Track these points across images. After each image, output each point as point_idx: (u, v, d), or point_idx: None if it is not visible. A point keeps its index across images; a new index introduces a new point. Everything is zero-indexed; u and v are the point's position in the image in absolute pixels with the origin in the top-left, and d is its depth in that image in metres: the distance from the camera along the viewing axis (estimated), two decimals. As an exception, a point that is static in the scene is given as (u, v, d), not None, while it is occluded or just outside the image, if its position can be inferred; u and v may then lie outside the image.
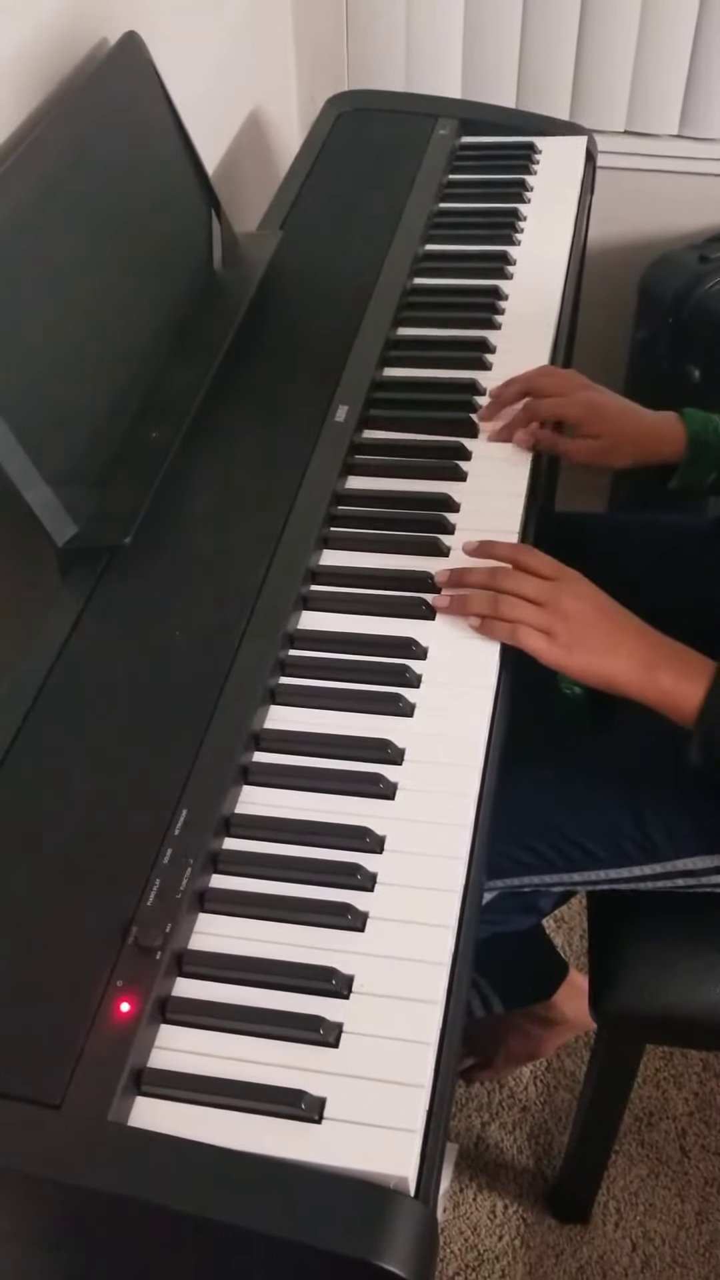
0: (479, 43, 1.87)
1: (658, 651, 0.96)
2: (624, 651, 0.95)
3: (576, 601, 0.97)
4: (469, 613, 0.97)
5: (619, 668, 0.95)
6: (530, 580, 0.97)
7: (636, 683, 0.95)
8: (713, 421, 1.17)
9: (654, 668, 0.95)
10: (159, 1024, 0.72)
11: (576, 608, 0.96)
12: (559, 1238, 1.41)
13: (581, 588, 0.98)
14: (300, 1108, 0.67)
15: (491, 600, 0.96)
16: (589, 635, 0.96)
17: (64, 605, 0.95)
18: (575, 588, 0.98)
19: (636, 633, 0.97)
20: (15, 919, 0.75)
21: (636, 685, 0.95)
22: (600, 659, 0.95)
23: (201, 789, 0.81)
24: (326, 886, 0.79)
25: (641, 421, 1.19)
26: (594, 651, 0.95)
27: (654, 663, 0.95)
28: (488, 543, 1.02)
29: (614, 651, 0.95)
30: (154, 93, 1.22)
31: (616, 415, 1.18)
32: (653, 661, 0.95)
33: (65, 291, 1.04)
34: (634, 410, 1.20)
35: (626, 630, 0.97)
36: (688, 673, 0.94)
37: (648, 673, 0.95)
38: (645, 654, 0.96)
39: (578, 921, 1.70)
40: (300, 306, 1.31)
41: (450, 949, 0.76)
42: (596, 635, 0.96)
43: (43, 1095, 0.66)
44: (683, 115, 1.91)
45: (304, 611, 0.98)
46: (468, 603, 0.97)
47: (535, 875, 1.12)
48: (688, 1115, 1.52)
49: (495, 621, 0.96)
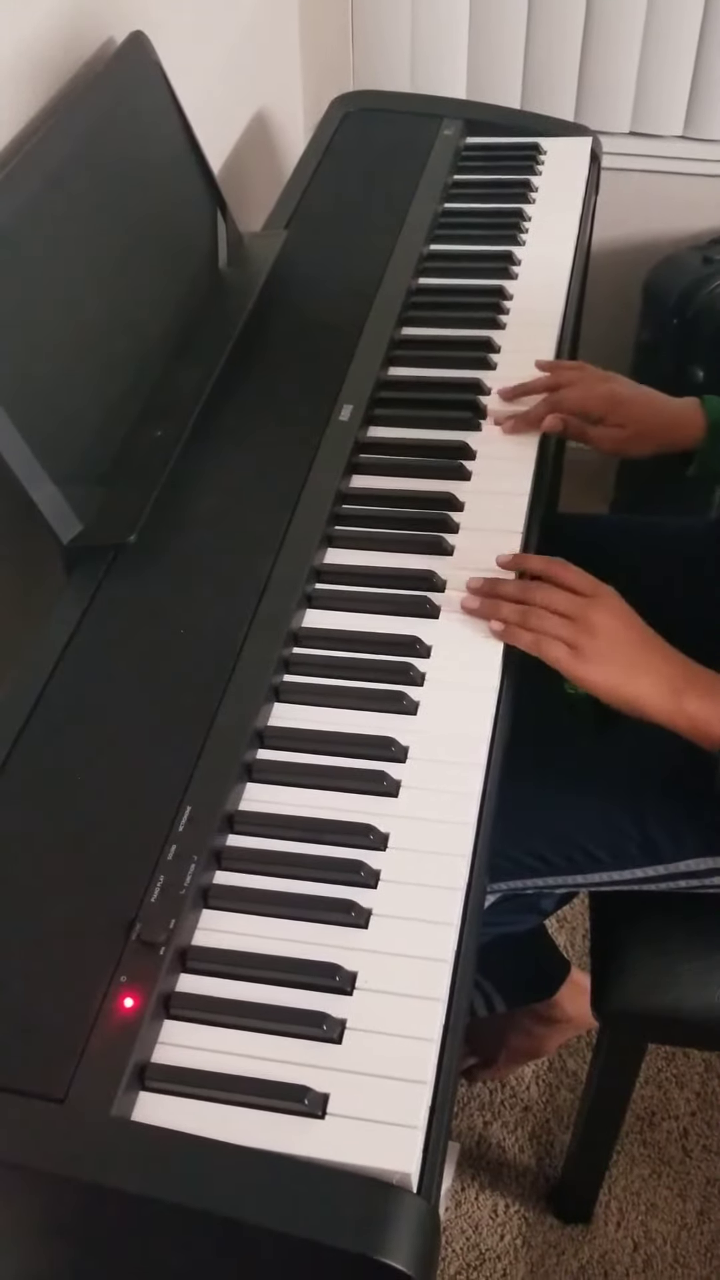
0: (484, 43, 1.88)
1: (684, 676, 0.95)
2: (650, 673, 0.95)
3: (607, 618, 0.96)
4: (498, 618, 0.96)
5: (644, 690, 0.94)
6: (562, 595, 0.97)
7: (663, 708, 0.94)
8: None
9: (680, 692, 0.94)
10: (163, 1019, 0.72)
11: (606, 624, 0.95)
12: (560, 1237, 1.41)
13: (613, 604, 0.97)
14: (303, 1103, 0.67)
15: (521, 613, 0.95)
16: (616, 653, 0.95)
17: (69, 603, 0.96)
18: (607, 603, 0.97)
19: (664, 655, 0.96)
20: (20, 914, 0.76)
21: (663, 710, 0.94)
22: (625, 679, 0.94)
23: (205, 786, 0.81)
24: (330, 883, 0.79)
25: (663, 410, 1.19)
26: (619, 670, 0.94)
27: (681, 687, 0.94)
28: (521, 556, 1.02)
29: (639, 672, 0.95)
30: (160, 92, 1.23)
31: (639, 405, 1.19)
32: (680, 686, 0.94)
33: (71, 290, 1.04)
34: (655, 399, 1.20)
35: (654, 652, 0.96)
36: (715, 697, 0.93)
37: (674, 697, 0.94)
38: (672, 678, 0.95)
39: (580, 921, 1.70)
40: (305, 306, 1.31)
41: (453, 946, 0.76)
42: (623, 654, 0.95)
43: (47, 1090, 0.66)
44: (688, 116, 1.91)
45: (308, 609, 0.98)
46: (498, 609, 0.96)
47: (538, 878, 1.12)
48: (689, 1115, 1.52)
49: (519, 630, 0.95)
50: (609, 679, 0.94)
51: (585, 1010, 1.36)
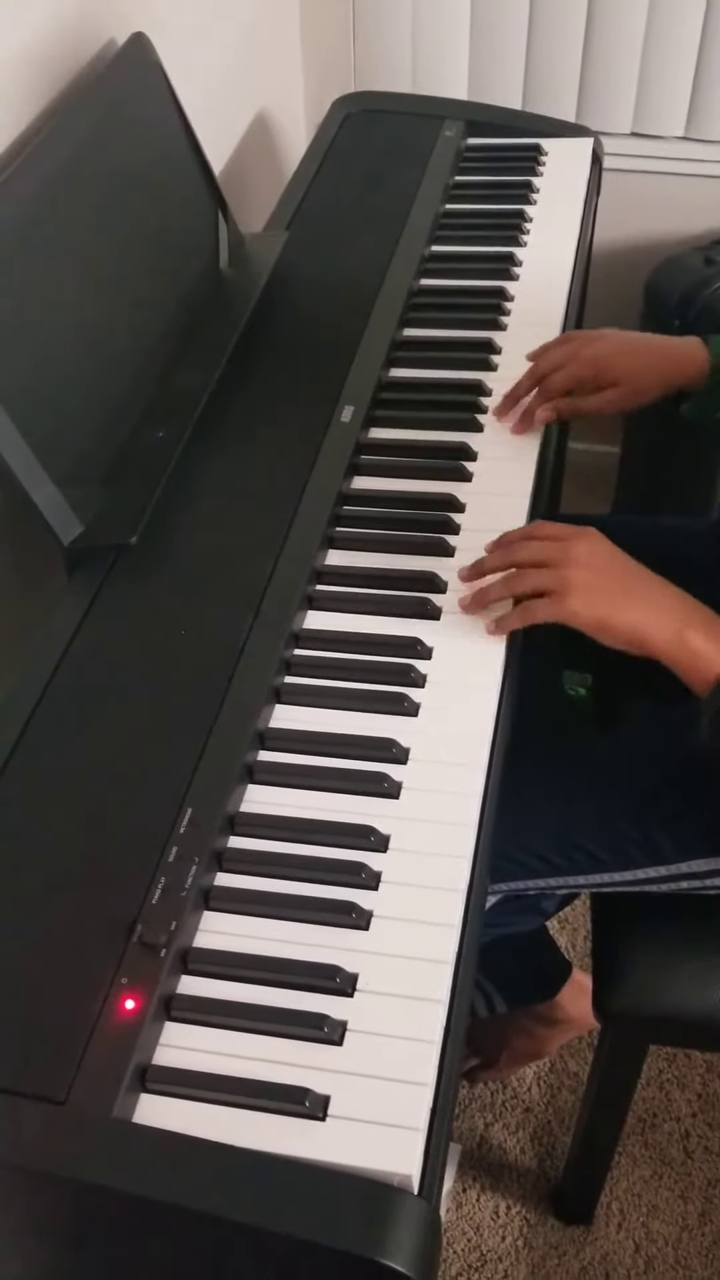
0: (485, 44, 1.87)
1: (686, 608, 0.92)
2: (645, 602, 0.91)
3: (586, 554, 0.93)
4: (487, 602, 0.96)
5: (640, 618, 0.90)
6: (542, 544, 0.96)
7: (663, 638, 0.90)
8: None
9: (683, 625, 0.90)
10: (164, 1021, 0.72)
11: (586, 560, 0.93)
12: (562, 1238, 1.41)
13: (593, 540, 0.95)
14: (304, 1105, 0.67)
15: (505, 581, 0.95)
16: (602, 585, 0.92)
17: (70, 604, 0.96)
18: (587, 541, 0.94)
19: (660, 586, 0.93)
20: (21, 916, 0.76)
21: (664, 640, 0.90)
22: (615, 609, 0.91)
23: (206, 787, 0.81)
24: (331, 885, 0.79)
25: (658, 350, 1.16)
26: (606, 600, 0.91)
27: (682, 619, 0.91)
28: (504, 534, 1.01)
29: (633, 601, 0.91)
30: (161, 93, 1.23)
31: (628, 357, 1.15)
32: (680, 618, 0.91)
33: (72, 291, 1.04)
34: (646, 344, 1.17)
35: (647, 580, 0.93)
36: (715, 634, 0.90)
37: (676, 628, 0.90)
38: (672, 609, 0.91)
39: (581, 922, 1.70)
40: (306, 307, 1.31)
41: (454, 947, 0.76)
42: (612, 584, 0.92)
43: (48, 1092, 0.66)
44: (689, 117, 1.91)
45: (309, 611, 0.98)
46: (485, 595, 0.96)
47: (539, 879, 1.12)
48: (691, 1116, 1.52)
49: (506, 619, 0.95)
50: (595, 609, 0.91)
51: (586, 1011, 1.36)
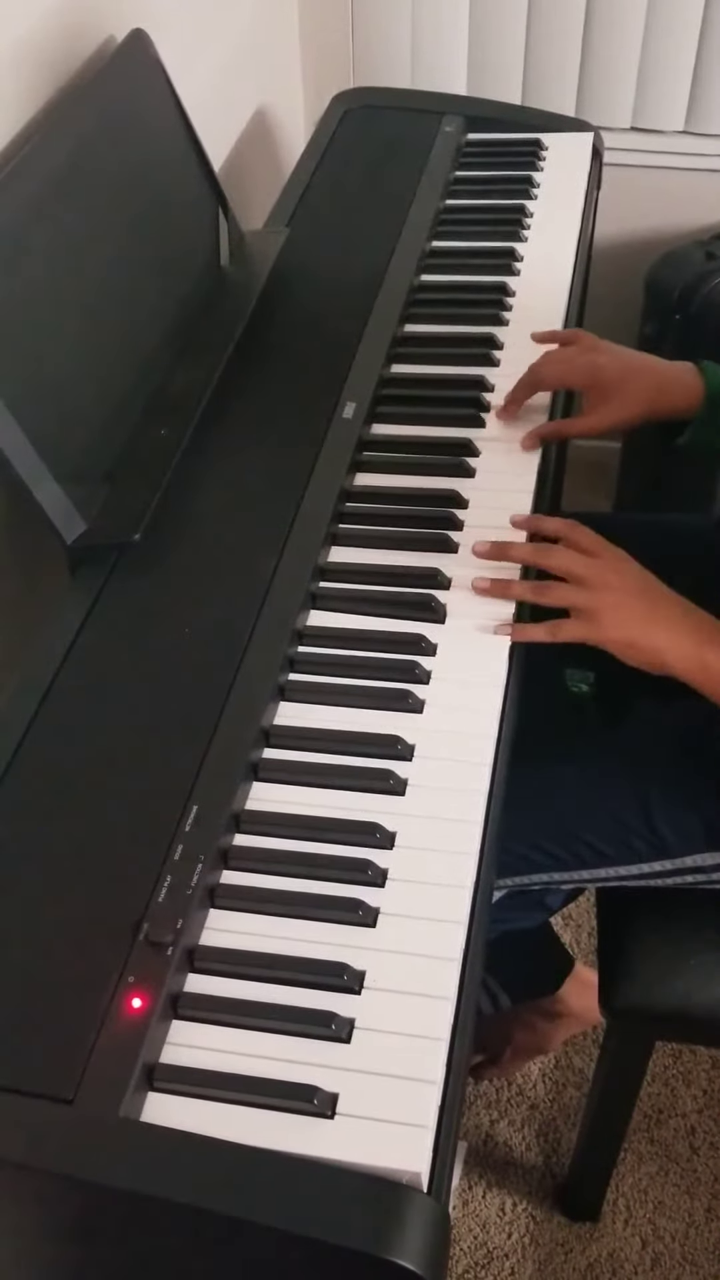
0: (485, 39, 1.87)
1: (704, 628, 0.95)
2: (669, 626, 0.94)
3: (617, 577, 0.96)
4: (511, 597, 0.96)
5: (662, 642, 0.94)
6: (577, 557, 0.97)
7: (684, 658, 0.94)
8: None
9: (703, 645, 0.93)
10: (171, 1020, 0.72)
11: (618, 583, 0.95)
12: (568, 1235, 1.41)
13: (625, 564, 0.97)
14: (312, 1103, 0.67)
15: (535, 589, 0.96)
16: (634, 605, 0.94)
17: (73, 603, 0.95)
18: (618, 564, 0.97)
19: (683, 608, 0.96)
20: (27, 915, 0.75)
21: (685, 661, 0.94)
22: (642, 632, 0.94)
23: (212, 785, 0.81)
24: (337, 882, 0.79)
25: (652, 374, 1.14)
26: (639, 624, 0.94)
27: (703, 640, 0.94)
28: (536, 517, 1.01)
29: (658, 625, 0.94)
30: (161, 90, 1.22)
31: (623, 374, 1.13)
32: (701, 639, 0.94)
33: (73, 289, 1.04)
34: (643, 365, 1.16)
35: (671, 605, 0.96)
36: None
37: (696, 649, 0.93)
38: (693, 630, 0.94)
39: (586, 919, 1.70)
40: (307, 303, 1.31)
41: (461, 944, 0.76)
42: (641, 604, 0.95)
43: (55, 1091, 0.66)
44: (689, 111, 1.90)
45: (313, 608, 0.98)
46: (509, 589, 0.97)
47: (544, 873, 1.12)
48: (697, 1113, 1.51)
49: (529, 627, 0.95)
50: (625, 631, 0.94)
51: (590, 1005, 1.36)
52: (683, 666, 0.94)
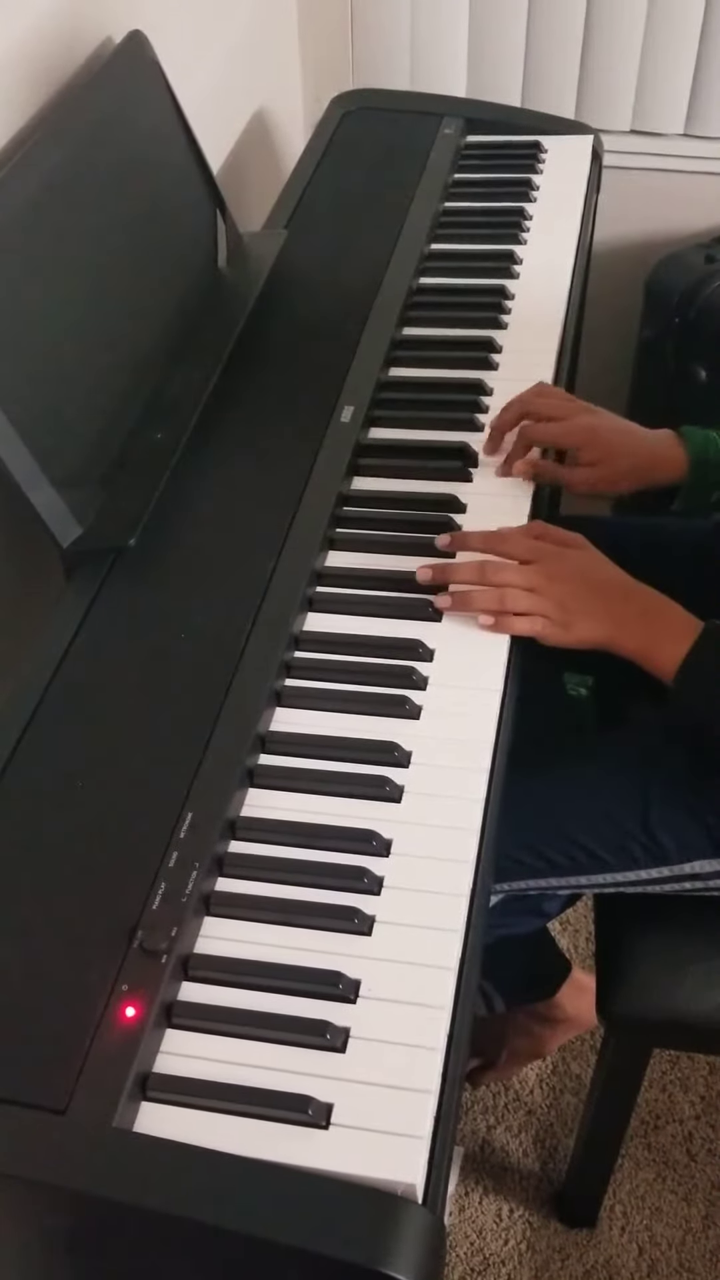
0: (484, 41, 1.87)
1: (646, 610, 0.98)
2: (613, 612, 0.98)
3: (562, 582, 0.98)
4: (474, 609, 0.97)
5: (609, 631, 0.98)
6: (518, 571, 0.98)
7: (629, 642, 0.97)
8: (713, 440, 1.14)
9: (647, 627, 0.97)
10: (164, 1029, 0.71)
11: (562, 587, 0.98)
12: (565, 1242, 1.41)
13: (561, 565, 0.99)
14: (307, 1113, 0.67)
15: (496, 596, 0.96)
16: (582, 605, 0.97)
17: (69, 607, 0.95)
18: (554, 567, 0.99)
19: (624, 594, 0.99)
20: (21, 923, 0.75)
21: (631, 644, 0.97)
22: (594, 625, 0.97)
23: (207, 792, 0.81)
24: (333, 890, 0.78)
25: (640, 446, 1.16)
26: (588, 620, 0.97)
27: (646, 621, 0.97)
28: (459, 535, 1.02)
29: (605, 614, 0.98)
30: (159, 92, 1.22)
31: (614, 440, 1.14)
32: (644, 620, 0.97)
33: (70, 291, 1.03)
34: (632, 434, 1.16)
35: (614, 593, 0.99)
36: (673, 633, 0.97)
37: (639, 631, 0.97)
38: (633, 613, 0.98)
39: (583, 924, 1.70)
40: (305, 306, 1.30)
41: (457, 953, 0.76)
42: (589, 603, 0.98)
43: (47, 1100, 0.66)
44: (689, 114, 1.90)
45: (309, 613, 0.98)
46: (470, 600, 0.97)
47: (541, 878, 1.11)
48: (694, 1119, 1.51)
49: (509, 618, 0.96)
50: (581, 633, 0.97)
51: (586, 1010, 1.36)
52: (632, 647, 0.97)
